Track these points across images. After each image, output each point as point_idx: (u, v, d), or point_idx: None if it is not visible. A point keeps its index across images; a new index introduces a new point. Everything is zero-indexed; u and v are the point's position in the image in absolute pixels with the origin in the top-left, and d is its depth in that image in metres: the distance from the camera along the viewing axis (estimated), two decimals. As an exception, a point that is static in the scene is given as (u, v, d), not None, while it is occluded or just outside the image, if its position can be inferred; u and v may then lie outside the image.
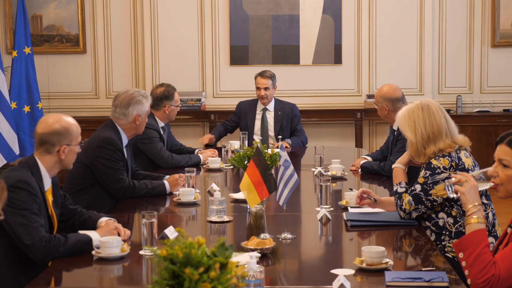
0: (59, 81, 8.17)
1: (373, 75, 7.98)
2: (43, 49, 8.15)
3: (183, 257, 1.90)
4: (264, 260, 2.91)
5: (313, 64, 8.00)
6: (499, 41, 8.04)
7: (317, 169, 4.93)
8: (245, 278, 2.02)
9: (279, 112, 6.33)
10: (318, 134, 7.75)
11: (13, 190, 3.03)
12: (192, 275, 1.85)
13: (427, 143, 3.46)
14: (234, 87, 7.95)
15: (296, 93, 7.86)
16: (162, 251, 1.94)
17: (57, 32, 8.23)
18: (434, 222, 3.47)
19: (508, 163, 2.54)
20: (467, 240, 2.49)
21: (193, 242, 1.93)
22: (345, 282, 2.57)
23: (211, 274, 1.87)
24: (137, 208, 4.01)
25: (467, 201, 2.65)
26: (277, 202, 3.41)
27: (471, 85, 8.10)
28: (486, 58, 8.08)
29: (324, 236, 3.55)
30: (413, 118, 3.51)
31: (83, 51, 8.22)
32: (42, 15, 8.21)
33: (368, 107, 7.67)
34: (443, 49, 8.06)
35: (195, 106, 7.91)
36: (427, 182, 3.43)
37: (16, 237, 3.02)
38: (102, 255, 3.01)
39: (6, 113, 6.94)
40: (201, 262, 1.89)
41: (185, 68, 8.00)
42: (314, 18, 7.94)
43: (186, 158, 5.36)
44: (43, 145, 3.24)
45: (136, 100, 4.42)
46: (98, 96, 8.23)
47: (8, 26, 8.14)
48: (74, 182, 4.29)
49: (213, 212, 3.64)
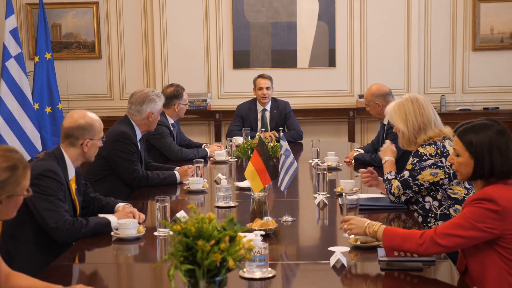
0: (77, 84, 8.20)
1: (364, 76, 8.01)
2: (62, 55, 8.18)
3: (196, 231, 1.92)
4: (267, 240, 2.93)
5: (309, 67, 8.02)
6: (479, 45, 8.06)
7: (314, 160, 4.97)
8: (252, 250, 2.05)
9: (275, 111, 6.36)
10: (314, 131, 7.77)
11: (41, 178, 3.06)
12: (204, 247, 1.88)
13: (418, 133, 3.50)
14: (237, 89, 7.97)
15: (294, 93, 7.89)
16: (176, 226, 1.97)
17: (74, 39, 8.26)
18: (421, 206, 3.50)
19: (458, 152, 2.64)
20: (387, 240, 2.59)
21: (204, 217, 1.96)
22: (341, 258, 2.61)
23: (221, 246, 1.89)
24: (150, 196, 4.03)
25: (359, 230, 2.76)
26: (279, 188, 3.44)
27: (454, 86, 8.12)
28: (467, 61, 8.10)
29: (321, 219, 3.57)
30: (404, 111, 3.54)
31: (99, 57, 8.24)
32: (61, 24, 8.23)
33: (360, 106, 7.70)
34: (428, 52, 8.08)
35: (201, 106, 7.94)
36: (415, 168, 3.46)
37: (42, 221, 3.05)
38: (120, 235, 3.04)
39: (29, 114, 6.98)
40: (212, 235, 1.92)
41: (192, 71, 8.03)
42: (310, 24, 7.96)
43: (194, 152, 5.40)
44: (68, 138, 3.27)
45: (150, 99, 4.46)
46: (113, 98, 8.26)
47: (31, 34, 8.17)
48: (93, 172, 4.32)
49: (220, 198, 3.67)
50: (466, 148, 2.60)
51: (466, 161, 2.61)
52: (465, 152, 2.61)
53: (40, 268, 2.73)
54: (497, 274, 2.48)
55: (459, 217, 2.53)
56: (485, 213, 2.46)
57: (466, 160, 2.61)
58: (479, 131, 2.59)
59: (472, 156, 2.58)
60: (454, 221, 2.54)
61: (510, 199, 2.48)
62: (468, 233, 2.46)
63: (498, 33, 8.08)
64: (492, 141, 2.56)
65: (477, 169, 2.58)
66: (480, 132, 2.59)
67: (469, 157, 2.59)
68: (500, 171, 2.55)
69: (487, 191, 2.50)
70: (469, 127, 2.63)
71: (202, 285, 1.90)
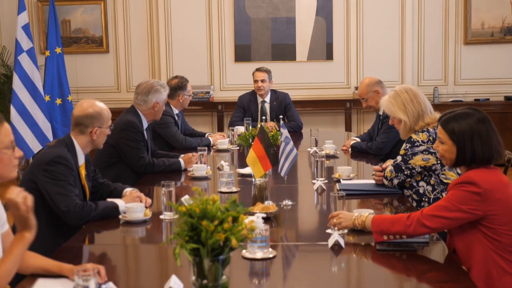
0: (85, 77, 8.20)
1: (360, 69, 8.00)
2: (71, 50, 8.18)
3: (200, 212, 1.92)
4: (268, 223, 2.93)
5: (307, 60, 8.01)
6: (471, 39, 8.05)
7: (312, 149, 4.96)
8: (254, 231, 2.05)
9: (274, 103, 6.34)
10: (312, 122, 7.77)
11: (52, 164, 3.06)
12: (208, 227, 1.88)
13: (417, 120, 3.49)
14: (238, 81, 7.96)
15: (293, 86, 7.88)
16: (182, 208, 1.97)
17: (83, 34, 8.24)
18: (416, 190, 3.50)
19: (442, 140, 2.67)
20: (375, 226, 2.59)
21: (208, 199, 1.96)
22: (339, 239, 2.61)
23: (224, 226, 1.89)
24: (156, 182, 4.01)
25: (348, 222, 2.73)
26: (279, 174, 3.43)
27: (447, 78, 8.12)
28: (459, 54, 8.09)
29: (319, 204, 3.56)
30: (401, 101, 3.52)
31: (106, 51, 8.24)
32: (70, 20, 8.22)
33: (356, 97, 7.67)
34: (422, 46, 8.07)
35: (204, 98, 7.94)
36: (407, 154, 3.46)
37: (54, 205, 3.05)
38: (128, 218, 3.04)
39: (41, 105, 6.98)
40: (216, 216, 1.92)
41: (195, 65, 8.02)
42: (308, 20, 7.94)
43: (198, 141, 5.39)
44: (78, 126, 3.26)
45: (155, 89, 4.45)
46: (120, 90, 8.26)
47: (42, 30, 8.16)
48: (101, 160, 4.32)
49: (223, 184, 3.67)
50: (449, 136, 2.63)
51: (449, 149, 2.64)
52: (448, 140, 2.64)
53: (52, 250, 2.73)
54: (482, 252, 2.52)
55: (444, 199, 2.56)
56: (468, 196, 2.49)
57: (450, 147, 2.64)
58: (460, 120, 2.62)
59: (455, 143, 2.61)
60: (439, 203, 2.56)
61: (491, 181, 2.51)
62: (453, 214, 2.50)
63: (488, 28, 8.06)
64: (473, 129, 2.59)
65: (459, 156, 2.61)
66: (462, 120, 2.61)
67: (452, 145, 2.63)
68: (481, 158, 2.58)
69: (469, 175, 2.53)
70: (452, 116, 2.66)
71: (206, 263, 1.91)
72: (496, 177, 2.55)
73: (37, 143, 6.82)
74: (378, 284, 2.28)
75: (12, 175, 2.24)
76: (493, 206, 2.49)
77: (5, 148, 2.18)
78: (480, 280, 2.48)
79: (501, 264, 2.50)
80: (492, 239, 2.51)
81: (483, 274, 2.50)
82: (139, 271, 2.53)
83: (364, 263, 2.52)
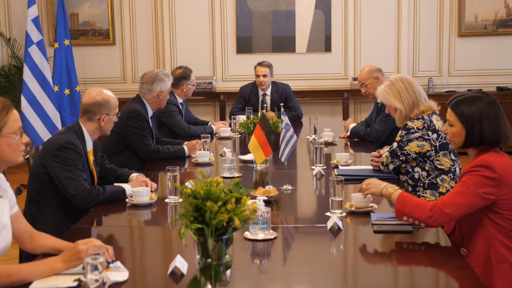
0: (93, 68, 8.18)
1: (357, 61, 7.97)
2: (79, 42, 8.15)
3: (204, 193, 1.91)
4: (269, 206, 2.92)
5: (307, 52, 7.99)
6: (464, 31, 8.02)
7: (311, 136, 4.95)
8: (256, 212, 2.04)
9: (275, 95, 6.31)
10: (311, 111, 7.74)
11: (62, 150, 3.05)
12: (212, 208, 1.87)
13: (412, 108, 3.47)
14: (240, 72, 7.94)
15: (293, 77, 7.86)
16: (187, 189, 1.96)
17: (91, 27, 8.21)
18: (411, 176, 3.49)
19: (452, 122, 2.64)
20: (399, 204, 2.54)
21: (212, 181, 1.95)
22: (337, 221, 2.60)
23: (228, 206, 1.88)
24: (161, 168, 4.00)
25: (376, 189, 2.73)
26: (279, 160, 3.42)
27: (441, 69, 8.09)
28: (453, 46, 8.06)
29: (318, 189, 3.56)
30: (396, 90, 3.50)
31: (113, 43, 8.21)
32: (78, 13, 8.19)
33: (353, 88, 7.68)
34: (417, 38, 8.04)
35: (207, 88, 7.92)
36: (403, 140, 3.45)
37: (63, 189, 3.05)
38: (134, 202, 3.04)
39: (50, 95, 6.97)
40: (220, 197, 1.90)
41: (198, 56, 8.00)
42: (307, 13, 7.91)
43: (201, 129, 5.38)
44: (86, 113, 3.25)
45: (159, 78, 4.43)
46: (126, 81, 8.24)
47: (51, 23, 8.13)
48: (108, 147, 4.31)
49: (226, 169, 3.66)
50: (459, 119, 2.59)
51: (458, 131, 2.60)
52: (458, 122, 2.60)
53: (61, 232, 2.73)
54: (485, 237, 2.48)
55: (459, 185, 2.51)
56: (483, 180, 2.45)
57: (459, 129, 2.60)
58: (470, 103, 2.58)
59: (464, 126, 2.58)
60: (456, 190, 2.50)
61: (504, 167, 2.47)
62: (470, 199, 2.44)
63: (481, 21, 8.02)
64: (482, 112, 2.55)
65: (468, 138, 2.58)
66: (472, 104, 2.58)
67: (461, 127, 2.59)
68: (489, 140, 2.54)
69: (485, 159, 2.49)
70: (462, 100, 2.62)
71: (210, 243, 1.90)
72: (507, 162, 2.52)
73: (47, 132, 6.82)
74: (375, 265, 2.28)
75: (18, 159, 2.24)
76: (505, 191, 2.46)
77: (13, 133, 2.18)
78: (478, 265, 2.45)
79: (501, 251, 2.46)
80: (496, 224, 2.47)
81: (482, 259, 2.48)
82: (145, 251, 2.53)
83: (362, 244, 2.52)
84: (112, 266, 2.13)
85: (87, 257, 1.85)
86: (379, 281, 2.09)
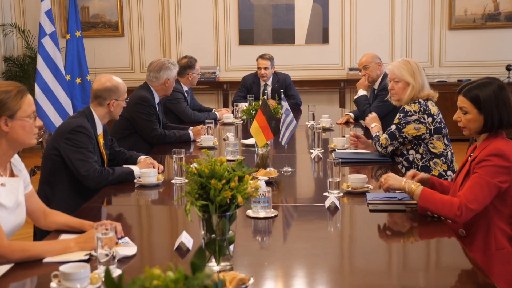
0: (103, 59, 8.14)
1: (354, 52, 7.93)
2: (90, 34, 8.10)
3: (209, 172, 1.89)
4: (270, 186, 2.91)
5: (305, 43, 7.94)
6: (455, 25, 7.96)
7: (310, 122, 4.92)
8: (257, 190, 2.02)
9: (276, 85, 6.27)
10: (309, 100, 7.65)
11: (73, 133, 3.04)
12: (216, 185, 1.85)
13: (422, 90, 3.44)
14: (242, 63, 7.90)
15: (292, 67, 7.82)
16: (192, 168, 1.94)
17: (100, 19, 8.16)
18: (406, 158, 3.47)
19: (466, 109, 2.48)
20: (423, 201, 2.41)
21: (216, 160, 1.93)
22: (335, 200, 2.59)
23: (231, 184, 1.86)
24: (167, 151, 3.98)
25: (395, 182, 2.57)
26: (280, 144, 3.40)
27: (432, 60, 8.05)
28: (444, 39, 8.01)
29: (316, 171, 3.54)
30: (411, 68, 3.45)
31: (122, 35, 8.17)
32: (89, 6, 8.13)
33: (349, 78, 7.65)
34: (410, 31, 7.98)
35: (211, 78, 7.88)
36: (401, 122, 3.42)
37: (75, 170, 3.03)
38: (142, 182, 3.03)
39: (62, 84, 6.94)
40: (223, 175, 1.89)
41: (203, 47, 7.95)
42: (306, 6, 7.85)
43: (205, 115, 5.35)
44: (97, 98, 3.23)
45: (166, 67, 4.41)
46: (134, 71, 8.20)
47: (63, 15, 8.08)
48: (117, 131, 4.29)
49: (229, 153, 3.63)
50: (474, 105, 2.44)
51: (475, 117, 2.45)
52: (473, 109, 2.45)
53: (73, 210, 2.71)
54: (485, 223, 2.41)
55: (475, 177, 2.37)
56: (497, 170, 2.34)
57: (475, 116, 2.45)
58: (483, 87, 2.43)
59: (482, 112, 2.43)
60: (473, 183, 2.36)
61: None
62: (491, 191, 2.34)
63: (471, 14, 7.96)
64: (497, 96, 2.42)
65: (487, 123, 2.43)
66: (485, 88, 2.43)
67: (477, 113, 2.44)
68: (507, 122, 2.42)
69: (497, 147, 2.37)
70: (474, 86, 2.47)
71: (214, 219, 1.88)
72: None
73: (59, 118, 6.80)
74: (371, 241, 2.26)
75: (32, 142, 2.22)
76: None
77: (27, 117, 2.17)
78: (478, 250, 2.40)
79: (501, 238, 2.39)
80: (498, 210, 2.40)
81: (482, 244, 2.41)
82: (152, 228, 2.52)
83: (358, 222, 2.51)
84: (121, 241, 2.12)
85: (97, 233, 1.83)
86: (373, 256, 2.08)
